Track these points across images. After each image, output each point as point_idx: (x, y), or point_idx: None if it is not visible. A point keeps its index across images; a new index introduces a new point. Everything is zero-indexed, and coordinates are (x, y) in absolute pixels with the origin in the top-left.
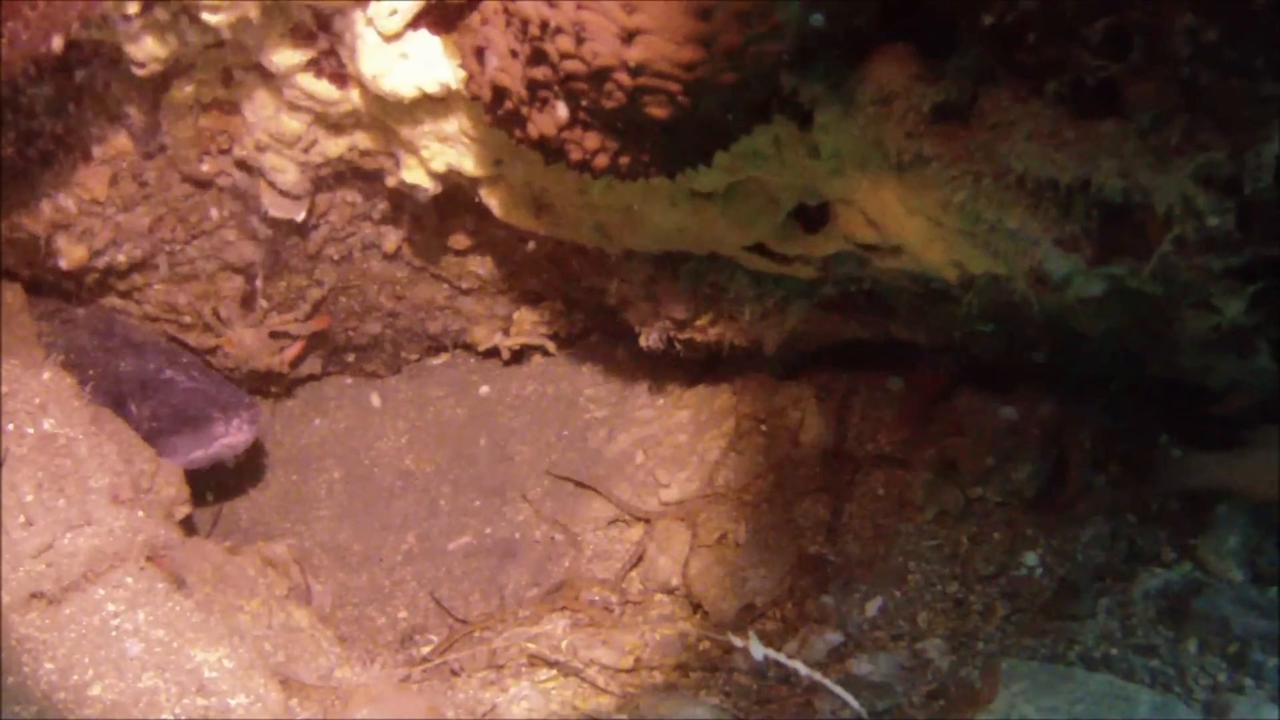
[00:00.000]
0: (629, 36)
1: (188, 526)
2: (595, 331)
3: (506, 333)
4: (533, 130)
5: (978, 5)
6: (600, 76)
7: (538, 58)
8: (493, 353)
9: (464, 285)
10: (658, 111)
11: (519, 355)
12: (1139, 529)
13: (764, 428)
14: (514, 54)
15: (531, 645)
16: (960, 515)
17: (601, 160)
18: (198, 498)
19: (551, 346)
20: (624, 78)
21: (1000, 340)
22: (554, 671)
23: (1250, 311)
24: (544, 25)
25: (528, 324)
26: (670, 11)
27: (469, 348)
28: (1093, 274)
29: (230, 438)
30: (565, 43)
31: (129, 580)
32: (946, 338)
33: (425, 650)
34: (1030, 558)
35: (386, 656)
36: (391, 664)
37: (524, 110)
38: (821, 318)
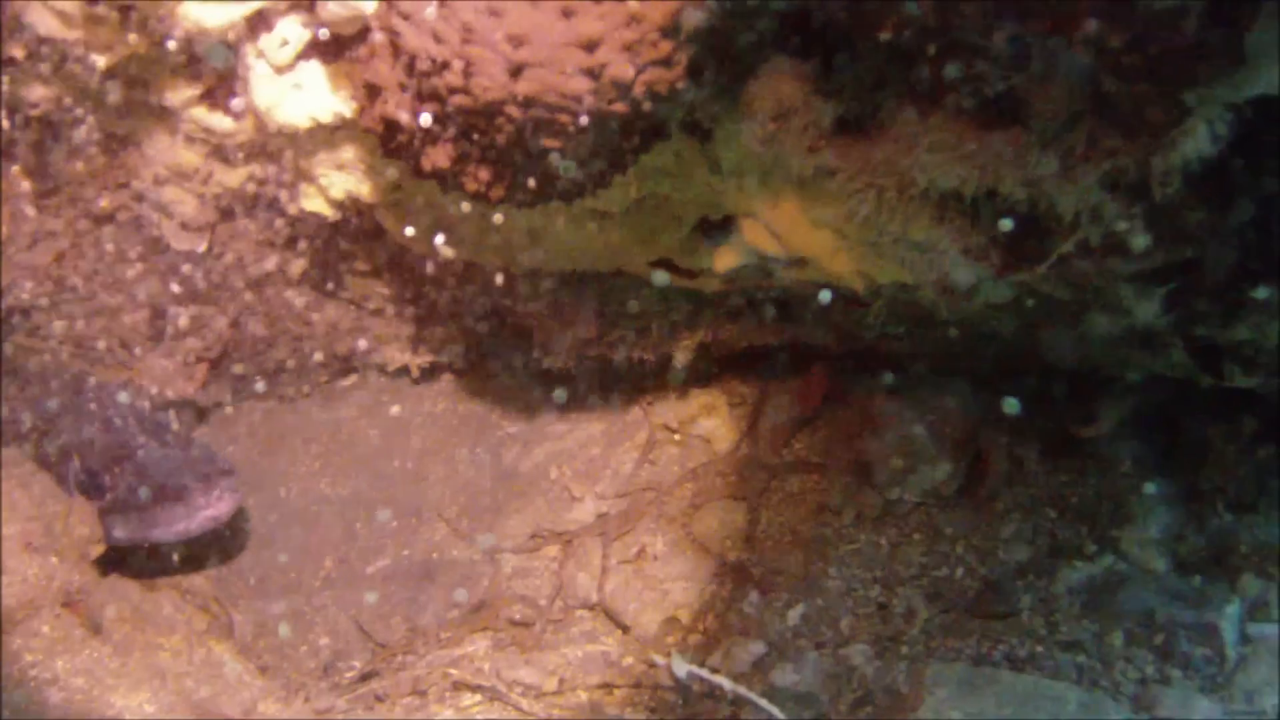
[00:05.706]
0: (517, 70)
1: (103, 564)
2: (505, 348)
3: (415, 351)
4: (426, 164)
5: (873, 22)
6: (490, 111)
7: (427, 93)
8: (403, 372)
9: (370, 306)
10: (551, 143)
11: (429, 373)
12: (1059, 523)
13: (677, 437)
14: (403, 88)
15: (454, 670)
16: (879, 518)
17: (497, 192)
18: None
19: (461, 364)
20: (514, 111)
21: (912, 341)
22: (478, 696)
23: (1163, 313)
24: (432, 60)
25: (436, 342)
26: (556, 44)
27: (379, 368)
28: (1001, 281)
29: (212, 509)
30: (453, 78)
31: (45, 629)
32: (857, 341)
33: (349, 677)
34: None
35: (310, 686)
36: (315, 693)
37: (416, 144)
38: (730, 327)
